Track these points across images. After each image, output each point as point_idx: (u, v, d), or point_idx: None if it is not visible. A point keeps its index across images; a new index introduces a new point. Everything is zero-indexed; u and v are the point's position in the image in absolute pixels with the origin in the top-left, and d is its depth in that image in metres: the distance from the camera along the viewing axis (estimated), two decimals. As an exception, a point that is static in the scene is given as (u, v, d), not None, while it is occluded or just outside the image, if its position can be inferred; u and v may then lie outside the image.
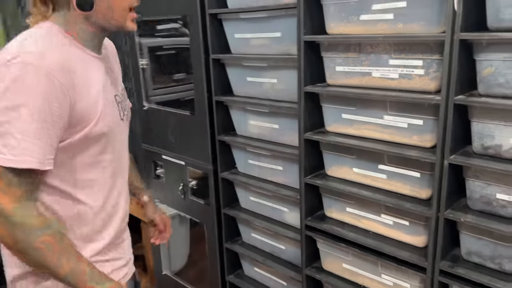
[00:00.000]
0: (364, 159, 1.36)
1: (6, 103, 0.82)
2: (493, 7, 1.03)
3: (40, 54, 0.85)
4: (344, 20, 1.28)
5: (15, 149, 0.82)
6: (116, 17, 0.95)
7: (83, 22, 0.95)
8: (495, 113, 1.07)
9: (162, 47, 2.25)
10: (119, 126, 1.06)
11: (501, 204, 1.12)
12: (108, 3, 0.93)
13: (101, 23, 0.95)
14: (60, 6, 0.94)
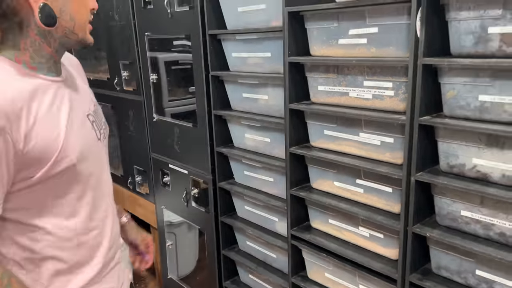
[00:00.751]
0: (343, 174, 1.44)
1: None
2: (455, 34, 1.10)
3: None
4: (325, 43, 1.37)
5: None
6: (77, 30, 0.90)
7: (40, 43, 0.87)
8: (458, 133, 1.13)
9: (177, 61, 2.40)
10: (95, 147, 0.99)
11: (465, 221, 1.17)
12: (70, 16, 0.88)
13: (60, 39, 0.89)
14: (11, 33, 0.85)
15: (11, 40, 0.86)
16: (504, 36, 1.01)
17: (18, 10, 0.83)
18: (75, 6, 0.88)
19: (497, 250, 1.09)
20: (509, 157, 1.06)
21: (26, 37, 0.86)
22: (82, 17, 0.90)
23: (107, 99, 2.60)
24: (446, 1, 1.08)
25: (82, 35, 0.92)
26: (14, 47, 0.86)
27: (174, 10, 1.88)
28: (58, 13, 0.86)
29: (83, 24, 0.91)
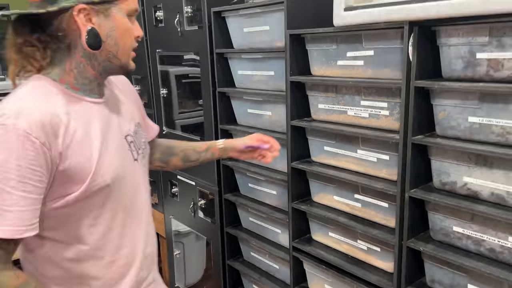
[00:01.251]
0: (343, 188, 1.49)
1: None
2: (446, 59, 1.16)
3: (18, 113, 0.80)
4: (325, 64, 1.44)
5: None
6: (120, 55, 0.92)
7: (84, 65, 0.91)
8: (449, 153, 1.18)
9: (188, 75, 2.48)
10: (131, 168, 1.01)
11: (457, 236, 1.22)
12: (115, 40, 0.90)
13: (103, 63, 0.92)
14: (59, 54, 0.90)
15: (58, 60, 0.91)
16: (491, 61, 1.07)
17: (68, 32, 0.88)
18: (121, 32, 0.91)
19: (487, 265, 1.13)
20: (497, 176, 1.10)
21: (72, 58, 0.91)
22: (127, 43, 0.93)
23: (120, 111, 2.69)
24: (437, 28, 1.14)
25: (125, 61, 0.94)
26: (60, 67, 0.91)
27: (184, 29, 1.97)
28: (104, 37, 0.89)
29: (127, 50, 0.94)
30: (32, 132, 0.80)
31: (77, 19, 0.86)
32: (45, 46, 0.89)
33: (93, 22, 0.88)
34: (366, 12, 1.21)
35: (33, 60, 0.89)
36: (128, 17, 0.92)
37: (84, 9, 0.86)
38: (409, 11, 1.12)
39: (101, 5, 0.87)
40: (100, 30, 0.88)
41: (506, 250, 1.12)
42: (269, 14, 1.57)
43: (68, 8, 0.85)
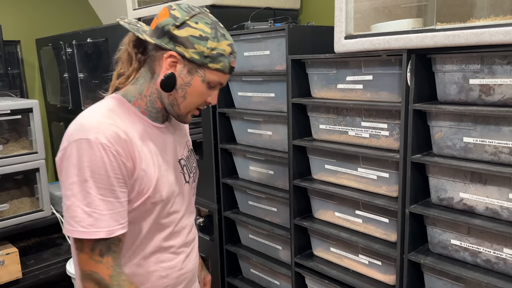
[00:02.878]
0: (344, 205, 1.56)
1: (72, 180, 0.88)
2: (441, 84, 1.25)
3: (96, 128, 0.89)
4: (325, 87, 1.52)
5: (84, 221, 0.87)
6: (182, 107, 1.00)
7: (156, 97, 1.00)
8: (446, 170, 1.27)
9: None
10: (182, 188, 1.08)
11: (455, 249, 1.30)
12: (184, 94, 0.98)
13: (166, 105, 1.00)
14: (143, 78, 0.99)
15: (140, 82, 1.00)
16: (483, 86, 1.17)
17: (156, 65, 0.98)
18: (192, 91, 0.98)
19: (484, 275, 1.21)
20: (491, 192, 1.19)
21: (150, 87, 1.00)
22: (193, 101, 1.00)
23: (114, 131, 2.71)
24: (433, 56, 1.23)
25: (183, 113, 1.01)
26: (138, 89, 1.00)
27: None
28: (177, 86, 0.97)
29: (190, 106, 1.01)
30: (111, 146, 0.89)
31: (165, 60, 0.95)
32: (138, 63, 1.00)
33: (175, 69, 0.96)
34: (366, 41, 1.30)
35: (127, 67, 1.00)
36: (207, 84, 0.98)
37: (174, 57, 0.95)
38: (407, 40, 1.21)
39: (188, 62, 0.95)
40: (179, 78, 0.97)
41: (502, 261, 1.20)
42: (270, 39, 1.65)
43: (164, 49, 0.95)
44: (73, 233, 0.89)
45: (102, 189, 0.89)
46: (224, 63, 0.97)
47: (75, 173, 0.88)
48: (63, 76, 3.20)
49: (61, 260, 2.58)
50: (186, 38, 0.93)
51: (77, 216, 0.88)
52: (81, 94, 3.04)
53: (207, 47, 0.93)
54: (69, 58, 3.07)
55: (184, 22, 0.94)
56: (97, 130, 0.89)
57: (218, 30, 0.96)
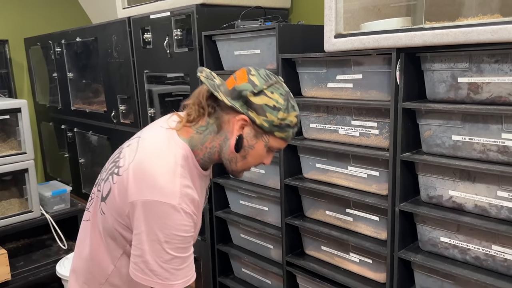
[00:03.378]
0: (334, 204, 1.56)
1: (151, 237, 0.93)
2: (430, 82, 1.26)
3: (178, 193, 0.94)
4: (315, 86, 1.52)
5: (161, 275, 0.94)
6: (239, 165, 1.05)
7: (216, 150, 1.04)
8: (435, 168, 1.28)
9: (171, 93, 2.52)
10: None
11: (444, 246, 1.30)
12: (245, 155, 1.03)
13: (224, 160, 1.05)
14: (208, 130, 1.02)
15: (205, 133, 1.03)
16: (471, 85, 1.18)
17: (225, 123, 1.01)
18: (254, 154, 1.04)
19: (473, 272, 1.22)
20: (480, 189, 1.20)
21: (214, 140, 1.03)
22: (251, 162, 1.06)
23: (103, 131, 2.70)
24: (422, 54, 1.24)
25: (238, 170, 1.07)
26: (201, 140, 1.03)
27: (173, 51, 2.02)
28: (242, 147, 1.03)
29: (247, 166, 1.06)
30: (190, 210, 0.96)
31: (236, 122, 1.00)
32: (208, 114, 1.02)
33: (243, 131, 1.01)
34: (356, 39, 1.31)
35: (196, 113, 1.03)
36: (268, 148, 1.04)
37: (245, 120, 0.99)
38: (396, 39, 1.22)
39: (257, 127, 1.00)
40: (244, 140, 1.02)
41: (490, 258, 1.21)
42: (260, 38, 1.65)
43: (236, 111, 0.99)
44: (149, 283, 0.95)
45: (180, 248, 0.95)
46: (289, 133, 1.03)
47: (155, 233, 0.93)
48: (52, 75, 3.17)
49: (51, 261, 2.56)
50: (260, 106, 0.98)
51: (155, 270, 0.94)
52: (70, 93, 3.02)
53: (277, 117, 0.98)
54: (58, 57, 3.04)
55: (262, 91, 0.98)
56: (179, 196, 0.94)
57: (289, 101, 1.01)
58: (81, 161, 3.02)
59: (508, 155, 1.14)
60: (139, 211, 0.94)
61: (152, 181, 0.94)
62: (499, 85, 1.13)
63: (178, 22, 1.96)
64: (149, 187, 0.94)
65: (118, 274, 1.08)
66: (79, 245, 1.14)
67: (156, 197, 0.92)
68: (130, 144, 1.06)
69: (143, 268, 0.95)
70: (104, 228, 1.04)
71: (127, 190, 0.96)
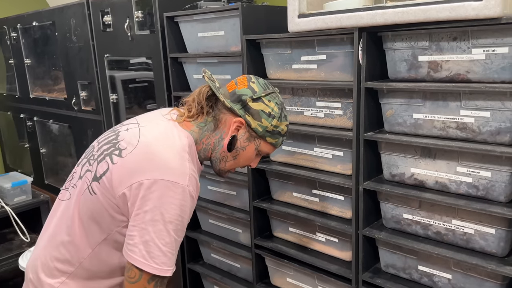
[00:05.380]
0: (301, 185, 1.57)
1: (156, 217, 0.93)
2: (391, 61, 1.27)
3: (187, 175, 0.96)
4: (280, 68, 1.51)
5: (159, 258, 0.94)
6: (228, 165, 1.11)
7: (210, 148, 1.09)
8: (397, 147, 1.30)
9: (135, 80, 2.45)
10: None
11: (407, 223, 1.34)
12: (236, 156, 1.09)
13: (215, 158, 1.10)
14: (207, 128, 1.09)
15: (203, 130, 1.09)
16: (431, 63, 1.19)
17: (222, 122, 1.08)
18: (244, 155, 1.10)
19: (434, 247, 1.26)
20: (440, 166, 1.23)
21: (210, 137, 1.09)
22: (239, 163, 1.12)
23: (64, 119, 2.60)
24: (384, 33, 1.25)
25: (225, 169, 1.13)
26: (200, 135, 1.09)
27: (135, 34, 1.96)
28: (235, 147, 1.08)
29: (235, 167, 1.13)
30: (195, 195, 1.00)
31: (232, 124, 1.07)
32: (206, 113, 1.09)
33: (238, 133, 1.08)
34: (319, 19, 1.30)
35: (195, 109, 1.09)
36: (258, 152, 1.12)
37: (241, 123, 1.07)
38: (358, 18, 1.22)
39: (251, 130, 1.08)
40: (237, 141, 1.08)
41: (451, 232, 1.25)
42: (224, 19, 1.61)
43: (234, 113, 1.06)
44: (145, 267, 0.94)
45: (180, 231, 0.97)
46: (279, 140, 1.13)
47: (161, 212, 0.93)
48: (9, 62, 3.02)
49: (13, 255, 2.47)
50: (257, 111, 1.06)
51: (153, 252, 0.93)
52: (28, 81, 2.89)
53: (271, 124, 1.08)
54: (14, 43, 2.90)
55: (260, 98, 1.07)
56: (188, 177, 0.96)
57: (283, 111, 1.11)
58: (42, 151, 2.91)
59: (467, 131, 1.17)
60: (146, 191, 0.94)
61: (163, 162, 0.96)
62: (458, 63, 1.15)
63: (139, 4, 1.90)
64: (159, 167, 0.95)
65: (96, 259, 1.06)
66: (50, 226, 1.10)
67: (166, 177, 0.94)
68: (129, 128, 1.07)
69: (141, 250, 0.94)
70: (89, 209, 1.02)
71: (133, 171, 0.96)
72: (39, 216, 2.68)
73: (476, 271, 1.21)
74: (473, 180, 1.18)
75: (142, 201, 0.94)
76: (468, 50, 1.12)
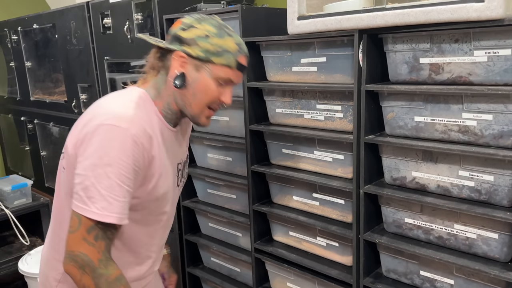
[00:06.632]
0: (301, 189, 1.55)
1: (95, 161, 0.90)
2: (392, 64, 1.26)
3: (129, 119, 0.93)
4: (280, 70, 1.50)
5: (99, 203, 0.89)
6: (194, 106, 1.02)
7: (171, 99, 1.03)
8: (398, 150, 1.28)
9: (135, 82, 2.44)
10: (173, 191, 1.12)
11: (409, 227, 1.32)
12: (194, 91, 1.01)
13: (181, 105, 1.03)
14: (160, 81, 1.04)
15: (159, 84, 1.04)
16: (432, 65, 1.18)
17: (168, 68, 1.02)
18: (201, 88, 1.01)
19: (436, 252, 1.24)
20: (442, 169, 1.21)
21: (167, 89, 1.03)
22: (203, 98, 1.02)
23: (64, 121, 2.60)
24: (384, 35, 1.23)
25: (196, 113, 1.04)
26: (158, 91, 1.04)
27: (134, 36, 1.95)
28: (188, 83, 1.01)
29: (201, 104, 1.03)
30: (139, 138, 0.93)
31: (175, 61, 1.00)
32: (157, 67, 1.05)
33: (186, 69, 1.00)
34: (319, 21, 1.29)
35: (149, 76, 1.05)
36: (216, 81, 1.01)
37: (183, 57, 0.99)
38: (358, 20, 1.20)
39: (195, 60, 0.99)
40: (187, 77, 1.01)
41: (453, 237, 1.23)
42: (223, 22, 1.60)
43: (173, 50, 1.00)
44: (85, 212, 0.90)
45: (123, 176, 0.91)
46: (230, 59, 1.00)
47: (100, 156, 0.90)
48: (10, 65, 3.02)
49: (12, 258, 2.45)
50: (191, 38, 0.99)
51: (93, 197, 0.89)
52: (29, 83, 2.89)
53: (211, 43, 0.98)
54: (15, 45, 2.90)
55: (191, 26, 1.00)
56: (130, 120, 0.92)
57: (223, 29, 1.01)
58: (42, 153, 2.91)
59: (469, 134, 1.15)
60: (88, 139, 0.91)
61: (105, 110, 0.94)
62: (460, 65, 1.13)
63: (139, 6, 1.89)
64: (101, 114, 0.93)
65: None
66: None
67: (107, 121, 0.91)
68: None
69: (82, 196, 0.90)
70: (65, 186, 1.01)
71: (79, 129, 0.94)
72: (39, 219, 2.67)
73: (479, 277, 1.19)
74: (476, 184, 1.16)
75: (84, 148, 0.92)
76: (470, 52, 1.11)
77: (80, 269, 0.90)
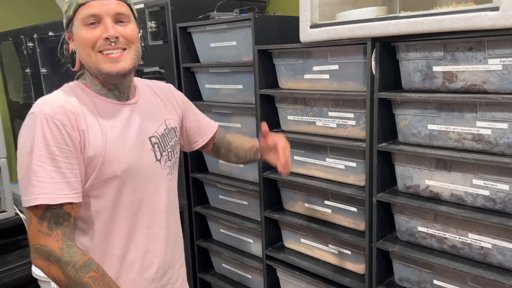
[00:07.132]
0: (313, 196, 1.55)
1: (21, 154, 0.92)
2: (405, 72, 1.25)
3: (44, 103, 0.94)
4: (292, 78, 1.50)
5: (29, 189, 0.90)
6: (88, 61, 0.98)
7: (90, 75, 1.02)
8: (412, 158, 1.28)
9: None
10: (151, 167, 1.05)
11: (422, 236, 1.31)
12: (80, 53, 0.99)
13: (92, 72, 1.00)
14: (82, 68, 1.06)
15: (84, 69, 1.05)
16: (446, 74, 1.17)
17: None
18: (79, 44, 0.99)
19: (450, 261, 1.22)
20: (456, 178, 1.21)
21: (86, 71, 1.04)
22: (85, 50, 0.98)
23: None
24: (397, 43, 1.23)
25: (94, 65, 0.98)
26: (84, 76, 1.05)
27: (148, 44, 1.97)
28: (78, 54, 1.00)
29: (89, 53, 0.98)
30: (54, 116, 0.92)
31: (70, 45, 1.02)
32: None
33: (73, 43, 1.01)
34: (331, 29, 1.29)
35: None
36: (83, 26, 0.97)
37: (69, 38, 1.02)
38: (371, 28, 1.20)
39: (69, 30, 1.01)
40: (76, 49, 1.01)
41: (467, 246, 1.22)
42: (236, 30, 1.62)
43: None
44: (25, 204, 0.91)
45: (42, 156, 0.90)
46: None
47: (23, 147, 0.92)
48: (25, 71, 3.07)
49: (26, 262, 2.48)
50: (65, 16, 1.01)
51: (27, 187, 0.90)
52: (44, 90, 2.93)
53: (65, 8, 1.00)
54: (31, 52, 2.95)
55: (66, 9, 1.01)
56: (44, 103, 0.93)
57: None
58: (56, 159, 2.94)
59: (483, 143, 1.14)
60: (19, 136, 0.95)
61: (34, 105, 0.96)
62: (474, 73, 1.13)
63: (152, 14, 1.91)
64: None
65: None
66: None
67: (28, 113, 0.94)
68: None
69: (22, 190, 0.92)
70: None
71: None
72: (52, 223, 2.70)
73: (494, 287, 1.17)
74: (490, 193, 1.15)
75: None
76: (484, 60, 1.10)
77: (46, 260, 0.90)
